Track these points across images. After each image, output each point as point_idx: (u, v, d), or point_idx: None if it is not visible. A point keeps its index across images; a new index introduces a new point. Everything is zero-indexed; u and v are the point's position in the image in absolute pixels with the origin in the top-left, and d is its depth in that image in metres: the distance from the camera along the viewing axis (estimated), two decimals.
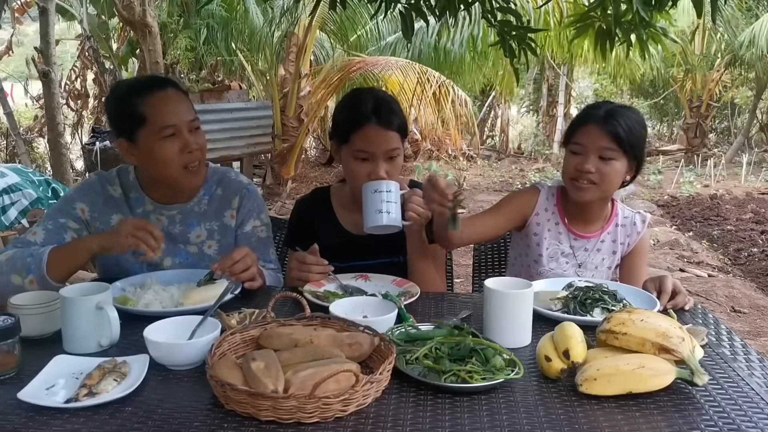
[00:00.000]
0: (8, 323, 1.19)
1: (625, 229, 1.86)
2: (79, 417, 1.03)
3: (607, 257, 1.86)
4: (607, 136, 1.67)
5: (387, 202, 1.62)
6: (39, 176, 4.58)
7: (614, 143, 1.67)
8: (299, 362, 1.12)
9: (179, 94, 1.69)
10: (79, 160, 8.47)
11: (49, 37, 5.89)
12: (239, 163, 7.34)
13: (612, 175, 1.70)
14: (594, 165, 1.68)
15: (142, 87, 1.67)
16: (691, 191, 8.75)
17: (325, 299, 1.53)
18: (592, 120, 1.71)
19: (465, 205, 7.83)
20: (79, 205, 1.74)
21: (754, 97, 12.49)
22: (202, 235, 1.80)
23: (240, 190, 1.83)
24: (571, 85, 13.91)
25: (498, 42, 2.22)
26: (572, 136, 1.74)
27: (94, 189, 1.77)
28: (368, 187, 1.65)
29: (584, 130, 1.72)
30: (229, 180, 1.85)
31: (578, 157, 1.71)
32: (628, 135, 1.67)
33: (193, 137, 1.67)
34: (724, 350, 1.32)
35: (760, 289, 4.87)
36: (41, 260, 1.52)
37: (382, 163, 1.72)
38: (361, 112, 1.72)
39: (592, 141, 1.69)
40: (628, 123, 1.68)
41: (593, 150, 1.69)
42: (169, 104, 1.65)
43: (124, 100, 1.66)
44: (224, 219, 1.82)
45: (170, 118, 1.63)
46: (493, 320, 1.33)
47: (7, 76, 10.40)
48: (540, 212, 1.84)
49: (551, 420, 1.03)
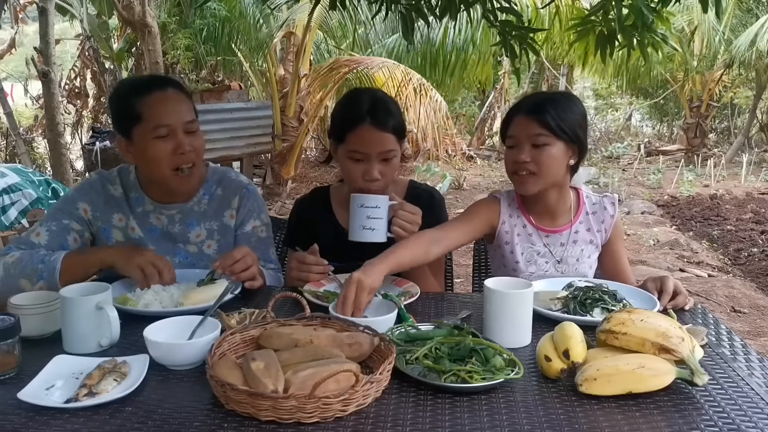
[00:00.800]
0: (8, 323, 1.19)
1: (597, 216, 1.84)
2: (79, 417, 1.03)
3: (586, 247, 1.83)
4: (536, 123, 1.67)
5: (371, 219, 1.62)
6: (39, 176, 4.59)
7: (544, 129, 1.66)
8: (299, 362, 1.12)
9: (179, 94, 1.68)
10: (79, 160, 8.47)
11: (48, 37, 5.89)
12: (239, 163, 7.33)
13: (549, 161, 1.68)
14: (528, 154, 1.67)
15: (142, 86, 1.67)
16: (691, 191, 8.75)
17: (325, 299, 1.53)
18: (521, 111, 1.71)
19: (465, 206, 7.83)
20: (81, 205, 1.74)
21: (754, 97, 12.49)
22: (201, 234, 1.80)
23: (240, 189, 1.83)
24: (570, 87, 13.90)
25: (499, 42, 2.22)
26: (506, 131, 1.75)
27: (95, 188, 1.77)
28: (355, 200, 1.65)
29: (515, 122, 1.72)
30: (230, 180, 1.85)
31: (513, 150, 1.71)
32: (558, 119, 1.66)
33: (188, 139, 1.66)
34: (724, 350, 1.32)
35: (760, 289, 4.87)
36: (54, 269, 1.53)
37: (377, 164, 1.72)
38: (357, 112, 1.72)
39: (522, 131, 1.69)
40: (558, 108, 1.68)
41: (525, 139, 1.68)
42: (167, 104, 1.64)
43: (124, 99, 1.67)
44: (224, 219, 1.82)
45: (165, 118, 1.63)
46: (493, 320, 1.33)
47: (7, 76, 10.40)
48: (505, 220, 1.81)
49: (551, 420, 1.03)
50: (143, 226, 1.77)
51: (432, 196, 1.93)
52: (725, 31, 10.65)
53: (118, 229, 1.76)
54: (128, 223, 1.76)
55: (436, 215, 1.89)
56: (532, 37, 2.23)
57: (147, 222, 1.77)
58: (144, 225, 1.77)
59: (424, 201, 1.88)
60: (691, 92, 12.22)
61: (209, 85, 8.43)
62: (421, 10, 2.17)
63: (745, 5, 10.76)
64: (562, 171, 1.72)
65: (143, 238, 1.76)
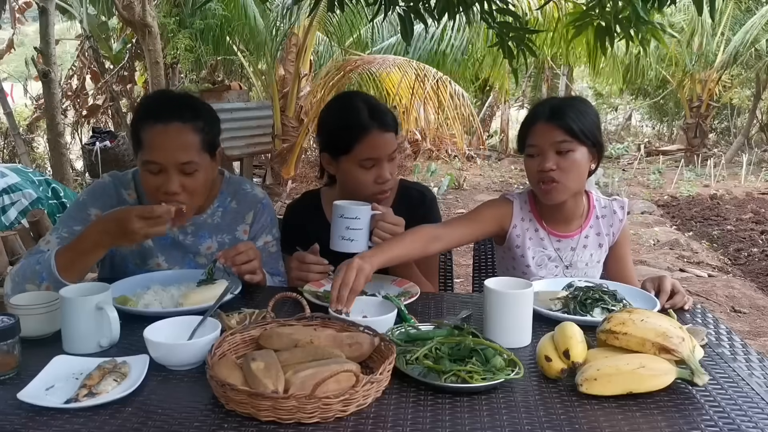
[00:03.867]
0: (8, 323, 1.19)
1: (606, 219, 1.83)
2: (79, 417, 1.03)
3: (595, 252, 1.83)
4: (559, 130, 1.65)
5: (351, 230, 1.61)
6: (39, 176, 4.59)
7: (567, 134, 1.64)
8: (299, 362, 1.12)
9: (182, 131, 1.57)
10: (79, 160, 8.47)
11: (48, 37, 5.89)
12: (239, 163, 7.33)
13: (574, 168, 1.66)
14: (554, 162, 1.65)
15: (149, 113, 1.60)
16: (691, 191, 8.75)
17: (325, 299, 1.53)
18: (540, 118, 1.68)
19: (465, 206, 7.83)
20: (92, 211, 1.68)
21: (754, 97, 12.49)
22: (212, 247, 1.78)
23: (255, 204, 1.81)
24: (570, 86, 13.90)
25: (497, 43, 2.23)
26: (526, 140, 1.72)
27: (107, 192, 1.72)
28: (336, 209, 1.63)
29: (535, 130, 1.69)
30: (245, 193, 1.82)
31: (536, 159, 1.68)
32: (579, 123, 1.64)
33: (182, 179, 1.57)
34: (724, 350, 1.32)
35: (760, 289, 4.87)
36: (49, 265, 1.48)
37: (387, 165, 1.75)
38: (361, 120, 1.72)
39: (545, 139, 1.66)
40: (576, 112, 1.66)
41: (549, 147, 1.66)
42: (164, 141, 1.56)
43: (136, 118, 1.63)
44: (237, 233, 1.79)
45: (156, 155, 1.55)
46: (493, 320, 1.33)
47: (8, 76, 10.40)
48: (517, 223, 1.80)
49: (551, 420, 1.03)
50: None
51: (423, 195, 1.93)
52: (724, 31, 10.66)
53: None
54: None
55: (428, 214, 1.89)
56: (530, 38, 2.23)
57: None
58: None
59: (415, 200, 1.89)
60: (690, 92, 12.22)
61: (209, 85, 8.43)
62: (419, 11, 2.17)
63: (744, 5, 10.75)
64: (585, 176, 1.71)
65: (153, 246, 1.73)
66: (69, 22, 9.26)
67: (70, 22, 9.26)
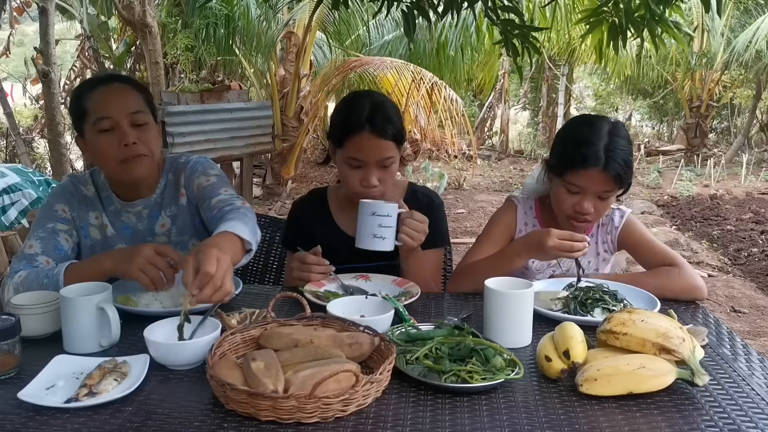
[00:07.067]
0: (8, 323, 1.19)
1: (605, 228, 1.84)
2: (79, 417, 1.03)
3: (593, 260, 1.84)
4: (611, 181, 1.62)
5: (382, 227, 1.60)
6: (39, 176, 4.59)
7: (615, 184, 1.64)
8: (299, 362, 1.12)
9: (125, 87, 1.66)
10: (78, 160, 8.47)
11: (48, 37, 5.89)
12: (239, 163, 7.33)
13: (607, 207, 1.72)
14: (593, 204, 1.66)
15: (89, 83, 1.68)
16: (691, 191, 8.75)
17: (325, 299, 1.53)
18: (591, 164, 1.61)
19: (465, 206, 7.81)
20: (59, 207, 1.73)
21: (754, 97, 12.49)
22: (165, 224, 1.78)
23: (184, 165, 1.79)
24: (570, 86, 13.90)
25: (501, 41, 2.22)
26: (568, 175, 1.66)
27: (68, 190, 1.76)
28: (366, 207, 1.62)
29: (584, 174, 1.63)
30: (178, 163, 1.81)
31: (575, 197, 1.67)
32: (626, 170, 1.63)
33: (136, 132, 1.62)
34: (724, 350, 1.32)
35: (760, 289, 4.87)
36: (58, 281, 1.49)
37: (375, 171, 1.71)
38: (356, 118, 1.70)
39: (593, 185, 1.63)
40: (624, 155, 1.63)
41: (594, 193, 1.65)
42: (109, 97, 1.62)
43: (75, 98, 1.67)
44: (180, 201, 1.79)
45: (106, 110, 1.60)
46: (493, 320, 1.33)
47: (7, 76, 10.39)
48: (522, 228, 1.81)
49: (551, 420, 1.03)
50: (116, 225, 1.76)
51: (431, 200, 1.91)
52: (724, 31, 10.65)
53: (95, 227, 1.75)
54: (103, 221, 1.76)
55: (435, 219, 1.88)
56: (534, 36, 2.23)
57: (119, 220, 1.76)
58: (116, 223, 1.76)
59: (423, 205, 1.87)
60: (690, 92, 12.21)
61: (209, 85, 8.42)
62: (422, 8, 2.17)
63: (744, 5, 10.75)
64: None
65: (115, 235, 1.76)
66: (69, 22, 9.26)
67: (70, 22, 9.26)
